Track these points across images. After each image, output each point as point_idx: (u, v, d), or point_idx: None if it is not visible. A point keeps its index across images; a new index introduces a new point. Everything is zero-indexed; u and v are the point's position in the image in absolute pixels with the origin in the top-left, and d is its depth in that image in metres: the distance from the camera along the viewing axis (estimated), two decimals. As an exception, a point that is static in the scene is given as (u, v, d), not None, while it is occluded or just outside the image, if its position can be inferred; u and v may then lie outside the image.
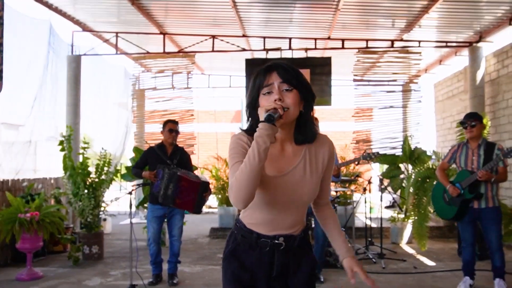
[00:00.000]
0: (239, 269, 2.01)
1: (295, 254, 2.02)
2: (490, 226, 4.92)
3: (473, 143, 5.04)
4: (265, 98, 1.87)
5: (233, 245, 2.05)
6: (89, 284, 5.51)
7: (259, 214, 1.97)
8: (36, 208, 5.86)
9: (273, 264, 1.99)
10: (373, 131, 9.24)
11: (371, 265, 6.40)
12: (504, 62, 7.89)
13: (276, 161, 1.92)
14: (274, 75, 1.87)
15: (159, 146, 5.54)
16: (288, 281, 2.02)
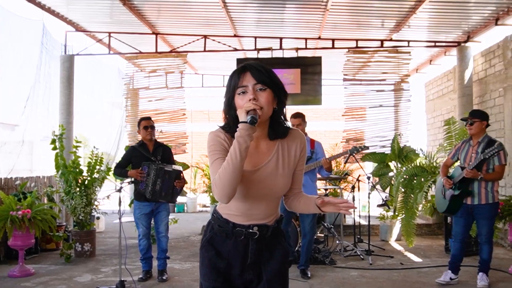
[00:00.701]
0: (215, 257, 2.11)
1: (269, 243, 2.13)
2: (481, 221, 5.06)
3: (474, 140, 5.18)
4: (240, 97, 1.98)
5: (210, 234, 2.15)
6: (79, 281, 5.60)
7: (235, 205, 2.06)
8: (27, 206, 5.94)
9: (248, 252, 2.09)
10: (363, 130, 9.33)
11: (358, 262, 6.51)
12: (491, 62, 8.00)
13: (250, 156, 2.01)
14: (248, 75, 1.98)
15: (140, 144, 5.64)
16: (261, 268, 2.12)
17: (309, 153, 5.60)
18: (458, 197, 5.10)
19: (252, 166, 2.03)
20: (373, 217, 8.00)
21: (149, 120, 5.65)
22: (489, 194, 4.99)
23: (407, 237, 7.35)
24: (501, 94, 7.64)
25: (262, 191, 2.04)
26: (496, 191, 5.04)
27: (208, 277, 2.13)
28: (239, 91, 1.98)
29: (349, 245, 7.21)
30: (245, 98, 1.96)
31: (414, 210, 7.31)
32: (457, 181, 5.06)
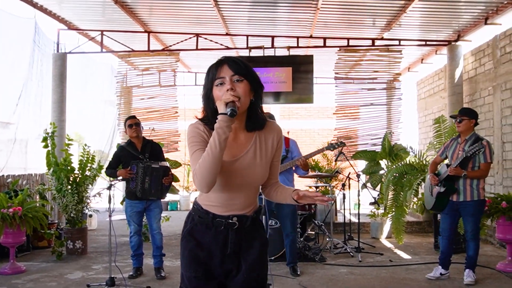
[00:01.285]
0: (196, 247, 2.15)
1: (248, 233, 2.17)
2: (467, 217, 5.13)
3: (462, 137, 5.26)
4: (218, 88, 2.03)
5: (191, 225, 2.19)
6: (70, 278, 5.62)
7: (214, 196, 2.11)
8: (18, 204, 5.95)
9: (228, 243, 2.13)
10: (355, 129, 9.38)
11: (348, 259, 6.57)
12: (481, 61, 8.07)
13: (229, 147, 2.06)
14: (225, 67, 2.04)
15: (128, 143, 5.66)
16: (240, 258, 2.17)
17: (284, 152, 5.48)
18: (444, 194, 5.18)
19: (230, 156, 2.08)
20: (363, 215, 8.09)
21: (134, 118, 5.68)
22: (474, 191, 5.06)
23: (397, 234, 7.41)
24: (491, 93, 7.71)
25: (241, 181, 2.09)
26: (482, 189, 5.10)
27: (189, 267, 2.17)
28: (217, 83, 2.04)
29: (339, 242, 7.26)
30: (223, 89, 2.01)
31: (404, 208, 7.38)
32: (443, 179, 5.13)
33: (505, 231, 5.79)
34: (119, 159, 5.64)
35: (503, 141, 7.30)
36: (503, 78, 7.32)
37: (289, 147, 5.58)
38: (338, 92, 9.37)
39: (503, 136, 7.30)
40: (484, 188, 5.15)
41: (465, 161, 5.00)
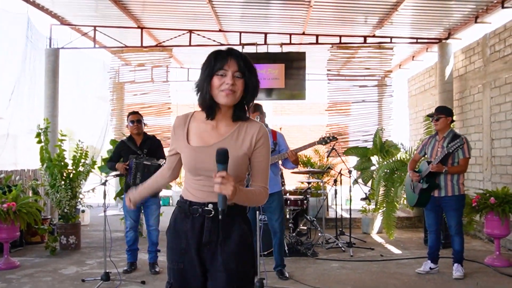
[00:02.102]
0: (177, 238, 2.19)
1: (225, 223, 2.13)
2: (449, 212, 5.28)
3: (439, 135, 5.40)
4: (218, 78, 2.09)
5: (173, 216, 2.26)
6: (64, 273, 5.66)
7: (190, 182, 2.20)
8: (12, 199, 5.97)
9: (202, 229, 2.14)
10: (347, 125, 9.47)
11: (340, 254, 6.66)
12: (471, 59, 8.18)
13: (205, 135, 2.17)
14: (232, 61, 2.10)
15: (128, 138, 5.74)
16: (217, 248, 2.14)
17: (272, 145, 5.34)
18: (426, 190, 5.32)
19: (204, 143, 2.15)
20: (355, 210, 8.18)
21: (136, 115, 5.71)
22: (455, 186, 5.23)
23: (387, 229, 7.53)
24: (480, 91, 7.83)
25: (212, 166, 2.00)
26: (462, 184, 5.28)
27: (172, 259, 2.21)
28: (219, 73, 2.09)
29: (331, 237, 7.35)
30: (222, 80, 2.08)
31: (395, 203, 7.50)
32: (425, 175, 5.26)
33: (493, 227, 5.92)
34: (119, 154, 5.71)
35: (492, 138, 7.42)
36: (492, 76, 7.43)
37: (277, 140, 5.46)
38: (330, 89, 9.44)
39: (492, 133, 7.42)
40: (463, 183, 5.33)
41: (446, 158, 5.15)
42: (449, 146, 5.07)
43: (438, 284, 5.09)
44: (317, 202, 8.43)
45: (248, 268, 2.20)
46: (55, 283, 5.20)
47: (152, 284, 5.13)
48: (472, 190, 7.45)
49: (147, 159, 5.42)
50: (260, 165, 2.21)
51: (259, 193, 2.18)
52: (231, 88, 2.07)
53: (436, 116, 5.37)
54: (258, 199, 2.19)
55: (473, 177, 8.06)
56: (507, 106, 7.00)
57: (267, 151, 2.22)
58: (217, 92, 2.10)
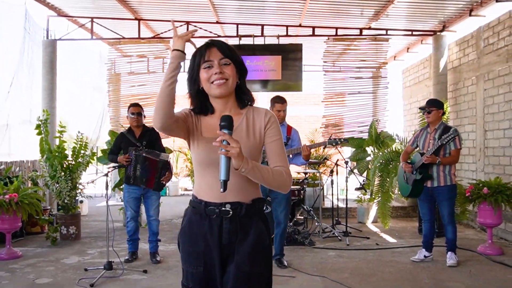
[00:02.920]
0: (193, 241, 2.10)
1: (243, 222, 2.07)
2: (442, 202, 5.43)
3: (431, 127, 5.54)
4: (205, 71, 2.05)
5: (187, 218, 2.17)
6: (67, 262, 5.76)
7: (203, 179, 2.10)
8: (14, 190, 6.05)
9: (222, 232, 2.05)
10: (342, 116, 9.58)
11: (336, 243, 6.80)
12: (465, 51, 8.29)
13: (214, 127, 2.01)
14: (214, 50, 2.06)
15: (128, 130, 5.81)
16: (235, 248, 2.06)
17: (285, 139, 5.47)
18: (419, 181, 5.48)
19: (215, 134, 1.96)
20: (350, 200, 8.33)
21: (137, 107, 5.77)
22: (447, 177, 5.39)
23: (383, 219, 7.68)
24: (474, 83, 7.95)
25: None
26: (453, 174, 5.44)
27: (189, 263, 2.12)
28: (204, 65, 2.05)
29: (328, 227, 7.49)
30: (210, 72, 2.04)
31: (390, 193, 7.65)
32: (418, 167, 5.41)
33: (485, 216, 6.07)
34: (119, 146, 5.79)
35: (485, 130, 7.55)
36: (486, 68, 7.55)
37: (291, 135, 5.56)
38: (326, 80, 9.54)
39: (485, 125, 7.55)
40: (455, 174, 5.49)
41: (438, 149, 5.30)
42: (442, 138, 5.21)
43: (433, 272, 5.24)
44: (314, 192, 8.56)
45: (263, 270, 2.10)
46: (58, 272, 5.30)
47: (154, 273, 5.24)
48: (465, 180, 7.60)
49: (146, 151, 5.50)
50: (274, 145, 2.11)
51: (278, 173, 2.04)
52: (222, 77, 2.02)
53: (428, 109, 5.52)
54: (277, 179, 2.03)
55: (467, 168, 8.21)
56: (500, 98, 7.13)
57: (278, 131, 2.13)
58: (208, 86, 2.06)
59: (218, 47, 2.07)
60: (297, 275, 5.13)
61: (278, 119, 5.61)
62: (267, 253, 2.13)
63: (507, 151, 6.96)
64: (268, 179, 2.00)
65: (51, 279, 5.04)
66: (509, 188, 5.98)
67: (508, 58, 6.92)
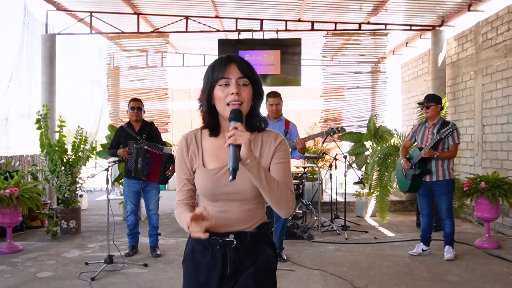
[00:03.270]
0: (195, 271, 2.00)
1: (249, 251, 1.95)
2: (440, 196, 5.48)
3: (429, 122, 5.58)
4: (221, 89, 1.86)
5: (190, 246, 2.04)
6: (68, 256, 5.80)
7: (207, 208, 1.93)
8: (15, 185, 6.08)
9: (226, 263, 1.94)
10: (341, 111, 9.62)
11: (335, 236, 6.85)
12: (464, 46, 8.32)
13: (219, 153, 1.93)
14: (233, 67, 1.87)
15: (127, 124, 5.83)
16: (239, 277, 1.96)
17: (283, 133, 5.47)
18: (418, 176, 5.52)
19: (220, 162, 1.91)
20: (349, 194, 8.37)
21: (137, 102, 5.80)
22: (446, 171, 5.43)
23: (381, 213, 7.73)
24: (472, 77, 7.98)
25: (232, 188, 1.89)
26: (452, 169, 5.49)
27: None
28: (221, 82, 1.86)
29: (326, 221, 7.54)
30: (226, 91, 1.85)
31: (388, 188, 7.69)
32: (417, 161, 5.45)
33: (483, 210, 6.12)
34: (118, 140, 5.81)
35: (483, 124, 7.60)
36: (484, 63, 7.58)
37: (289, 129, 5.55)
38: (325, 75, 9.56)
39: (483, 119, 7.60)
40: (453, 168, 5.54)
41: (436, 144, 5.33)
42: (441, 132, 5.26)
43: (430, 265, 5.29)
44: (313, 187, 8.60)
45: None
46: (59, 266, 5.35)
47: (154, 267, 5.28)
48: (463, 174, 7.65)
49: (147, 144, 5.54)
50: (281, 166, 1.94)
51: (284, 188, 1.88)
52: (238, 99, 1.83)
53: (427, 104, 5.56)
54: (282, 192, 1.86)
55: (465, 162, 8.26)
56: (498, 93, 7.17)
57: (287, 154, 1.98)
58: (223, 106, 1.86)
59: (237, 64, 1.88)
60: (296, 269, 5.18)
61: (272, 113, 5.59)
62: (274, 275, 2.03)
63: (504, 145, 7.01)
64: (272, 187, 1.82)
65: (52, 272, 5.08)
66: (506, 182, 6.03)
67: (507, 53, 6.95)
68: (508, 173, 6.73)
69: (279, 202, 1.87)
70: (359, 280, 4.78)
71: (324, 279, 4.82)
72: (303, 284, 4.67)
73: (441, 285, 4.59)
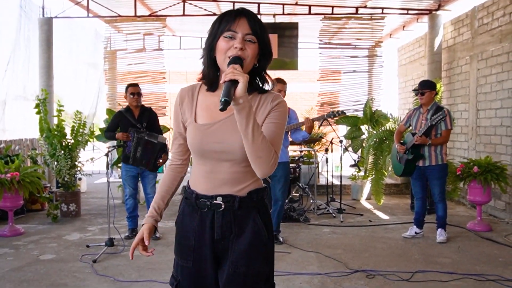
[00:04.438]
0: (185, 233, 1.96)
1: (237, 217, 1.89)
2: (433, 181, 5.61)
3: (424, 107, 5.67)
4: (226, 40, 1.77)
5: (181, 209, 2.02)
6: (69, 239, 5.92)
7: (196, 168, 1.94)
8: (15, 169, 6.17)
9: (213, 224, 1.89)
10: (338, 94, 9.69)
11: (330, 219, 6.99)
12: (460, 30, 8.36)
13: (213, 109, 1.85)
14: (243, 21, 1.78)
15: (126, 109, 5.86)
16: (230, 245, 1.90)
17: None
18: (411, 161, 5.64)
19: (210, 119, 1.87)
20: (345, 177, 8.49)
21: (136, 87, 5.84)
22: (438, 156, 5.55)
23: (376, 196, 7.86)
24: (468, 62, 8.05)
25: (219, 147, 1.83)
26: (445, 153, 5.61)
27: (180, 255, 1.99)
28: (226, 34, 1.77)
29: (322, 204, 7.67)
30: (230, 43, 1.76)
31: (383, 171, 7.81)
32: (410, 147, 5.56)
33: (475, 194, 6.25)
34: (117, 124, 5.86)
35: (477, 109, 7.69)
36: (479, 48, 7.64)
37: (289, 114, 5.61)
38: (322, 58, 9.60)
39: (478, 104, 7.69)
40: (446, 153, 5.67)
41: (429, 129, 5.45)
42: (432, 119, 5.36)
43: (423, 248, 5.44)
44: (309, 170, 8.72)
45: (262, 268, 1.92)
46: (61, 248, 5.47)
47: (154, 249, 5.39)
48: (457, 158, 7.78)
49: (148, 134, 5.59)
50: (272, 126, 1.84)
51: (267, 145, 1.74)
52: (240, 54, 1.74)
53: (421, 91, 5.64)
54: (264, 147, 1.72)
55: (459, 146, 8.37)
56: (493, 78, 7.24)
57: (282, 116, 1.87)
58: (223, 58, 1.78)
59: (248, 19, 1.78)
60: (292, 251, 5.32)
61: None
62: (268, 248, 1.94)
63: (498, 130, 7.11)
64: (256, 138, 1.69)
65: (55, 255, 5.20)
66: (498, 167, 6.16)
67: (502, 39, 7.01)
68: (501, 157, 6.85)
69: (259, 156, 1.73)
70: (353, 262, 4.92)
71: (319, 261, 4.96)
72: (299, 266, 4.80)
73: (433, 266, 4.73)
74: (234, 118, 1.72)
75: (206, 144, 1.84)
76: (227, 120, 1.82)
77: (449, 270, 4.60)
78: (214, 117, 1.86)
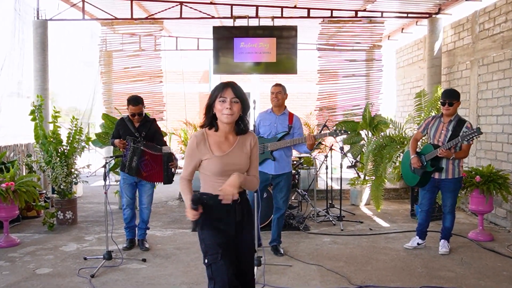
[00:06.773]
0: (215, 220, 2.93)
1: (244, 204, 3.04)
2: (447, 193, 5.49)
3: (446, 118, 5.48)
4: (220, 103, 2.84)
5: (207, 206, 2.90)
6: (66, 250, 5.82)
7: (214, 182, 2.91)
8: (10, 178, 6.05)
9: (236, 213, 2.96)
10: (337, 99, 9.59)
11: (330, 227, 6.92)
12: (460, 35, 8.29)
13: (221, 145, 2.94)
14: (229, 90, 2.84)
15: (128, 118, 5.72)
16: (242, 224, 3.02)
17: (287, 128, 5.48)
18: (430, 172, 5.49)
19: (222, 151, 2.92)
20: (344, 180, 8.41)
21: (136, 107, 5.57)
22: (456, 169, 5.42)
23: (375, 202, 7.79)
24: (468, 67, 7.98)
25: (231, 168, 2.90)
26: (461, 166, 5.47)
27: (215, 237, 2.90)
28: (220, 99, 2.83)
29: (321, 211, 7.59)
30: (223, 105, 2.82)
31: (383, 178, 7.73)
32: (430, 159, 5.41)
33: (477, 203, 6.19)
34: (119, 132, 5.74)
35: (478, 115, 7.63)
36: (480, 53, 7.57)
37: (293, 123, 5.51)
38: (320, 62, 9.51)
39: (478, 110, 7.62)
40: (462, 165, 5.52)
41: (457, 144, 5.30)
42: (464, 136, 5.16)
43: (425, 260, 5.37)
44: (308, 175, 8.64)
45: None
46: (57, 261, 5.36)
47: (153, 262, 5.32)
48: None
49: (145, 144, 5.49)
50: (254, 161, 3.06)
51: (255, 181, 3.05)
52: (230, 112, 2.81)
53: (449, 101, 5.37)
54: (254, 185, 3.05)
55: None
56: (494, 84, 7.18)
57: (257, 150, 3.09)
58: (220, 115, 2.84)
59: (232, 89, 2.84)
60: (293, 264, 5.23)
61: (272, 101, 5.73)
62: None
63: (499, 137, 7.06)
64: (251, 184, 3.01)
65: (51, 268, 5.10)
66: (501, 176, 6.09)
67: (504, 45, 6.94)
68: (502, 165, 6.80)
69: (251, 188, 3.05)
70: (356, 276, 4.84)
71: (322, 275, 4.88)
72: (301, 280, 4.73)
73: (437, 281, 4.66)
74: (237, 148, 2.96)
75: (226, 166, 2.89)
76: (234, 149, 2.96)
77: (453, 285, 4.55)
78: (224, 149, 2.94)
